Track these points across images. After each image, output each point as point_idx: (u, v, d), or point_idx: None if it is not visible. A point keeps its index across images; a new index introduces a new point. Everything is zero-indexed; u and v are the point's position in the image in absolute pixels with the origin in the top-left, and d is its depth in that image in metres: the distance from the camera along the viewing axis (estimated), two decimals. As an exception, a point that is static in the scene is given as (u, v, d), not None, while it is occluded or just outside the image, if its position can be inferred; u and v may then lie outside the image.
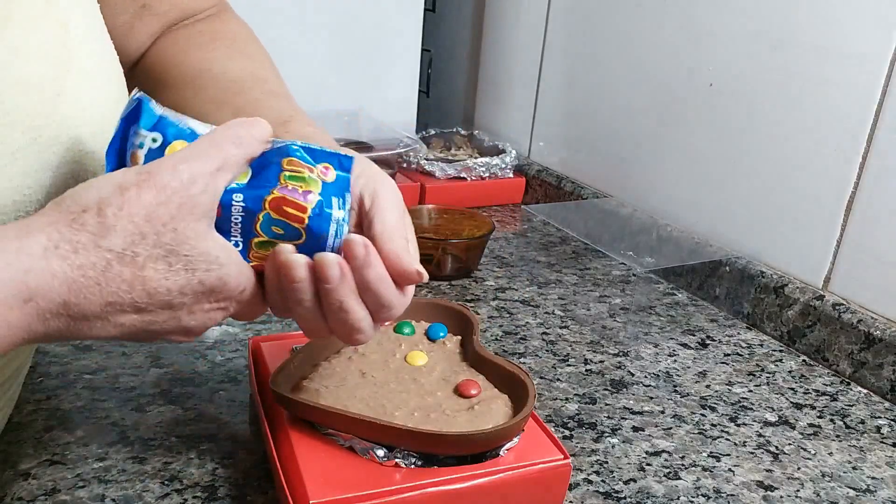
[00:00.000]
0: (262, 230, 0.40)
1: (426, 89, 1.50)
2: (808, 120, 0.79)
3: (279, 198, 0.40)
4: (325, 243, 0.41)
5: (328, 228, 0.41)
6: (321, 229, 0.41)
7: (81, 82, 0.44)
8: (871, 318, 0.73)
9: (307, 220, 0.40)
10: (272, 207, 0.40)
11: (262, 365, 0.58)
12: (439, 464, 0.48)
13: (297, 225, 0.40)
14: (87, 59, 0.45)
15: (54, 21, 0.43)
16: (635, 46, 1.02)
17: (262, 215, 0.40)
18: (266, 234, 0.40)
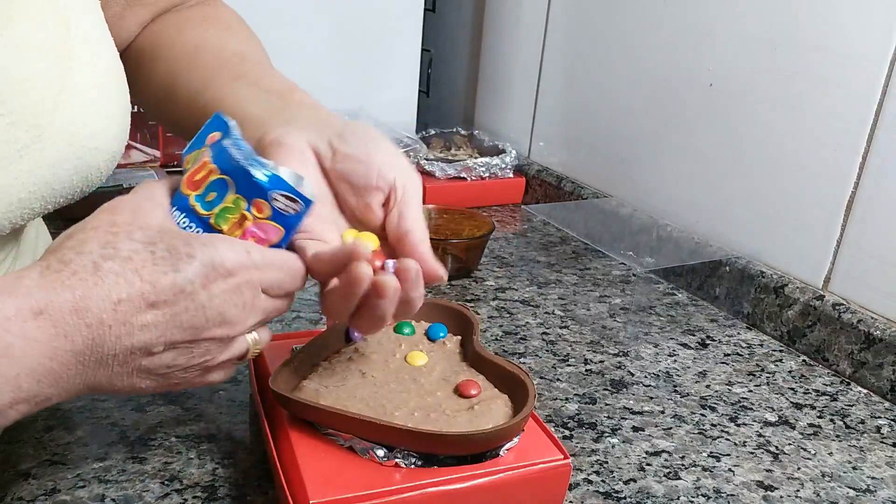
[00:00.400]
0: (204, 207, 0.40)
1: (426, 89, 1.50)
2: (808, 120, 0.79)
3: (188, 176, 0.41)
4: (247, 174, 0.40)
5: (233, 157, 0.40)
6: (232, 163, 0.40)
7: (83, 78, 0.44)
8: (871, 318, 0.73)
9: (216, 167, 0.40)
10: (190, 186, 0.41)
11: (262, 365, 0.58)
12: (439, 464, 0.48)
13: (213, 177, 0.40)
14: (89, 56, 0.45)
15: (55, 18, 0.43)
16: (635, 46, 1.02)
17: (192, 198, 0.40)
18: (209, 206, 0.40)
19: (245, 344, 0.42)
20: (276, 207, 0.41)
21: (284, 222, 0.41)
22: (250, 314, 0.40)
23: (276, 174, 0.40)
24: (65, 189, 0.45)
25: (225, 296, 0.38)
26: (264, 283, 0.40)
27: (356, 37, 1.18)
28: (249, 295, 0.39)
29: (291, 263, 0.42)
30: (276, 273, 0.41)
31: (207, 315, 0.38)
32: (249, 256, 0.39)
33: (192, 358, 0.39)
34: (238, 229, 0.41)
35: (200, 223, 0.40)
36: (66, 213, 1.00)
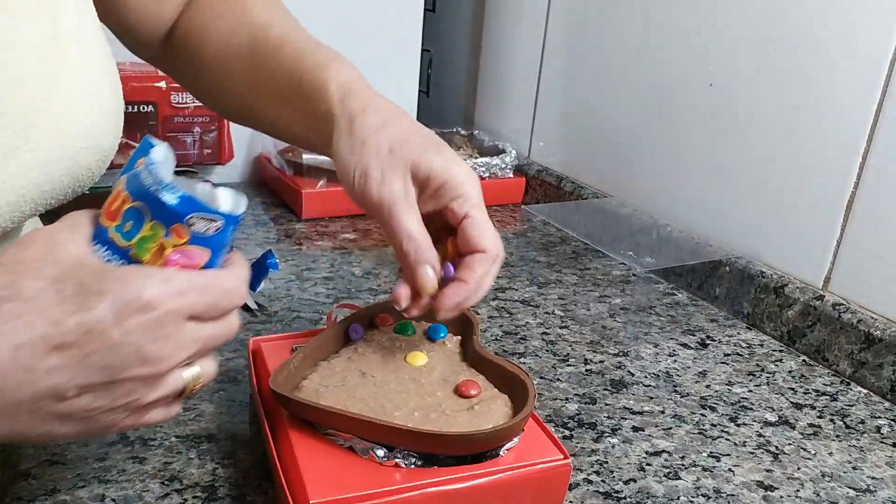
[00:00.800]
0: (123, 238, 0.38)
1: (426, 89, 1.50)
2: (808, 120, 0.79)
3: (106, 206, 0.39)
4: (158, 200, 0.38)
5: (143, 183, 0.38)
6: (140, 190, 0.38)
7: (74, 78, 0.44)
8: (871, 318, 0.73)
9: (128, 195, 0.38)
10: (108, 216, 0.38)
11: (262, 365, 0.58)
12: (439, 464, 0.48)
13: (128, 205, 0.38)
14: (79, 52, 0.45)
15: (45, 15, 0.43)
16: (635, 46, 1.02)
17: (111, 230, 0.38)
18: (128, 237, 0.38)
19: (181, 380, 0.39)
20: (195, 231, 0.38)
21: (208, 243, 0.39)
22: (178, 348, 0.37)
23: (187, 195, 0.38)
24: (55, 190, 0.44)
25: (143, 332, 0.35)
26: (193, 311, 0.37)
27: (356, 37, 1.18)
28: (173, 327, 0.36)
29: (222, 282, 0.39)
30: (205, 296, 0.38)
31: (123, 354, 0.35)
32: (169, 285, 0.36)
33: (115, 400, 0.36)
34: (159, 258, 0.38)
35: (122, 255, 0.38)
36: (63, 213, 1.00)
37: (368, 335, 0.59)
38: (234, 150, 1.12)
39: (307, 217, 1.04)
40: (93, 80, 0.45)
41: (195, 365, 0.39)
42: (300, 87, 0.53)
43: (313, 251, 0.94)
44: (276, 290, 0.81)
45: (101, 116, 0.46)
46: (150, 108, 1.02)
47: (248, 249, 0.92)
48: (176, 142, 1.05)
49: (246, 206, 0.41)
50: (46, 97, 0.42)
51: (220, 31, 0.59)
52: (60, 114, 0.42)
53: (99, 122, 0.45)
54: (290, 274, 0.86)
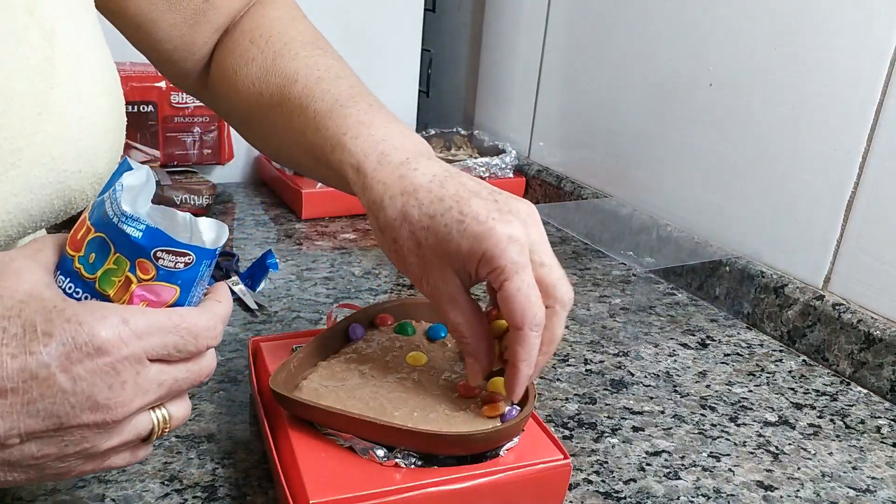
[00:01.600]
0: (87, 270, 0.36)
1: (426, 89, 1.50)
2: (808, 120, 0.79)
3: (70, 236, 0.37)
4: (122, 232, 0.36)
5: (105, 210, 0.36)
6: (103, 221, 0.36)
7: (66, 99, 0.42)
8: (871, 318, 0.73)
9: (91, 225, 0.36)
10: (72, 246, 0.36)
11: (262, 365, 0.58)
12: (439, 464, 0.48)
13: (91, 236, 0.36)
14: (74, 74, 0.43)
15: (39, 35, 0.41)
16: (635, 46, 1.02)
17: (76, 260, 0.36)
18: (92, 269, 0.36)
19: (146, 424, 0.37)
20: (162, 266, 0.36)
21: (176, 279, 0.36)
22: (136, 393, 0.34)
23: (152, 227, 0.35)
24: (45, 213, 0.42)
25: (94, 378, 0.33)
26: (153, 353, 0.35)
27: (356, 37, 1.18)
28: (131, 372, 0.34)
29: (191, 321, 0.36)
30: (169, 337, 0.35)
31: (72, 401, 0.33)
32: (126, 327, 0.33)
33: (66, 447, 0.34)
34: (125, 293, 0.36)
35: (86, 288, 0.36)
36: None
37: (368, 335, 0.59)
38: (234, 150, 1.12)
39: (307, 217, 1.04)
40: (89, 99, 0.44)
41: (163, 407, 0.37)
42: (326, 162, 0.51)
43: (313, 251, 0.94)
44: (276, 290, 0.81)
45: (96, 138, 0.44)
46: (150, 108, 1.02)
47: (248, 249, 0.92)
48: (176, 142, 1.05)
49: (225, 240, 0.39)
50: (36, 120, 0.40)
51: (251, 78, 0.56)
52: (50, 136, 0.41)
53: (92, 143, 0.44)
54: (290, 274, 0.86)
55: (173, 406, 0.38)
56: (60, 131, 0.41)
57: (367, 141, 0.48)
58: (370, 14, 1.19)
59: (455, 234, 0.44)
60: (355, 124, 0.49)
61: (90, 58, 0.45)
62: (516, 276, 0.44)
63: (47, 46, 0.41)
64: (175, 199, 0.98)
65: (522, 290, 0.44)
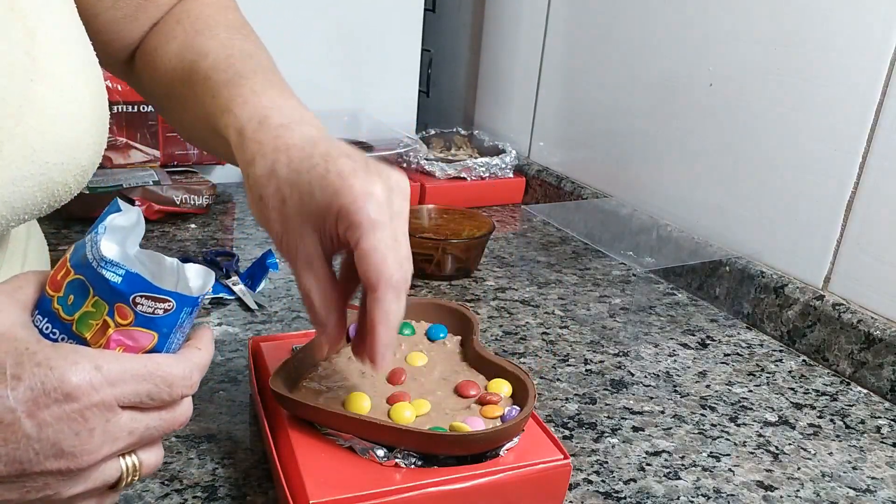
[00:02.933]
0: (66, 311, 0.36)
1: (426, 89, 1.50)
2: (808, 120, 0.79)
3: (52, 275, 0.37)
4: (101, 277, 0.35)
5: (85, 256, 0.36)
6: (82, 263, 0.36)
7: (48, 92, 0.42)
8: (871, 318, 0.73)
9: (71, 267, 0.36)
10: (52, 286, 0.36)
11: (262, 365, 0.58)
12: (439, 464, 0.48)
13: (70, 277, 0.36)
14: (55, 68, 0.43)
15: (21, 31, 0.41)
16: (635, 46, 1.02)
17: (55, 301, 0.36)
18: (71, 311, 0.36)
19: (114, 471, 0.36)
20: (141, 311, 0.35)
21: (155, 326, 0.36)
22: (104, 441, 0.34)
23: (132, 273, 0.35)
24: (27, 206, 0.42)
25: (60, 424, 0.32)
26: (125, 401, 0.34)
27: (356, 37, 1.18)
28: (100, 419, 0.33)
29: (166, 370, 0.36)
30: (142, 385, 0.35)
31: (36, 448, 0.32)
32: (98, 373, 0.33)
33: (27, 493, 0.33)
34: (102, 336, 0.35)
35: (63, 329, 0.35)
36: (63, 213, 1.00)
37: (368, 335, 0.59)
38: (234, 150, 1.12)
39: (307, 217, 1.04)
40: (71, 92, 0.43)
41: (133, 454, 0.37)
42: (216, 128, 0.50)
43: (313, 251, 0.94)
44: (276, 290, 0.81)
45: (80, 131, 0.44)
46: (150, 108, 1.02)
47: (248, 249, 0.92)
48: (176, 142, 1.05)
49: (211, 286, 0.39)
50: (17, 113, 0.40)
51: (170, 57, 0.56)
52: (33, 129, 0.40)
53: (75, 136, 0.44)
54: (289, 274, 0.86)
55: (144, 453, 0.37)
56: (42, 124, 0.41)
57: (254, 108, 0.48)
58: (370, 14, 1.19)
59: (317, 189, 0.43)
60: (248, 93, 0.49)
61: (71, 52, 0.45)
62: (372, 234, 0.42)
63: (28, 41, 0.41)
64: (175, 199, 0.98)
65: (379, 248, 0.42)
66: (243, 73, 0.50)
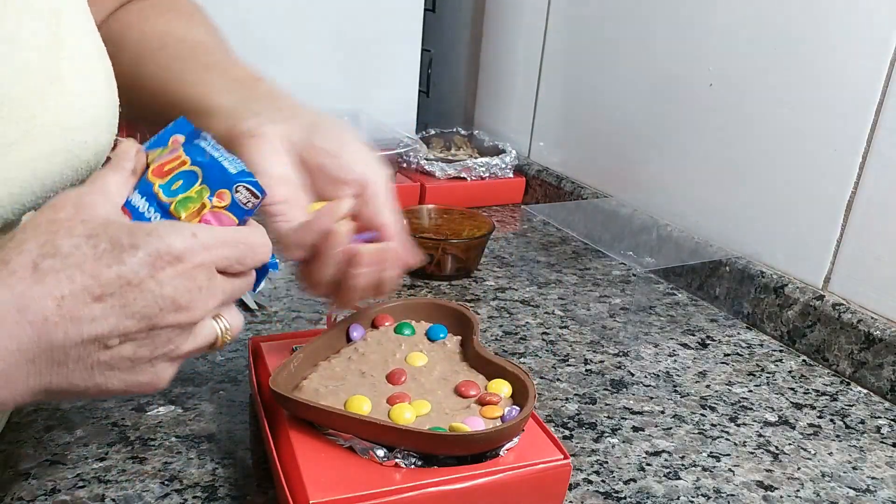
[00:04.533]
0: (166, 194, 0.42)
1: (426, 89, 1.50)
2: (808, 120, 0.79)
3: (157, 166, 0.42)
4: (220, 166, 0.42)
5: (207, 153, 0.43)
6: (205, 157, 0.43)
7: (73, 70, 0.44)
8: (871, 318, 0.73)
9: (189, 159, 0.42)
10: (157, 174, 0.42)
11: (262, 365, 0.58)
12: (439, 464, 0.48)
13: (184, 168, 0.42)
14: (78, 46, 0.45)
15: (48, 9, 0.43)
16: (635, 46, 1.02)
17: (156, 185, 0.42)
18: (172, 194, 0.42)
19: (213, 330, 0.41)
20: (236, 198, 0.42)
21: (239, 213, 0.42)
22: (209, 297, 0.39)
23: (245, 169, 0.42)
24: (55, 183, 0.45)
25: (176, 281, 0.37)
26: (219, 264, 0.40)
27: (356, 37, 1.18)
28: (203, 278, 0.39)
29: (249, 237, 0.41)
30: (231, 250, 0.40)
31: (160, 303, 0.37)
32: (196, 239, 0.38)
33: (156, 348, 0.38)
34: (196, 217, 0.42)
35: (160, 209, 0.41)
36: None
37: (368, 335, 0.59)
38: (234, 150, 1.12)
39: (307, 217, 1.04)
40: (91, 73, 0.46)
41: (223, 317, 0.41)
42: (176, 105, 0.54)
43: (313, 251, 0.94)
44: (276, 290, 0.81)
45: (100, 110, 0.46)
46: (150, 108, 1.01)
47: (248, 249, 0.92)
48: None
49: None
50: (47, 90, 0.42)
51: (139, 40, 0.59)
52: (61, 105, 0.43)
53: (97, 114, 0.46)
54: (289, 274, 0.86)
55: (230, 315, 0.42)
56: (70, 100, 0.44)
57: None
58: (370, 14, 1.19)
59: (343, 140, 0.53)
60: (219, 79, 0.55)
61: (90, 35, 0.47)
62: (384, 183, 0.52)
63: (55, 22, 0.44)
64: (175, 199, 0.98)
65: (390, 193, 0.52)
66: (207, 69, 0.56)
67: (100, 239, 0.37)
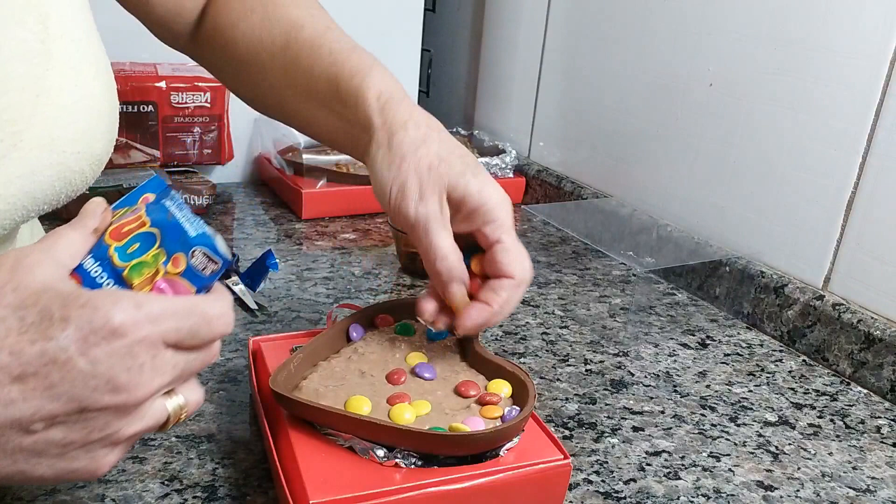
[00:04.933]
0: (121, 258, 0.38)
1: (426, 89, 1.50)
2: (808, 120, 0.79)
3: (116, 227, 0.39)
4: (180, 228, 0.39)
5: (169, 213, 0.39)
6: (166, 218, 0.39)
7: (64, 80, 0.43)
8: (871, 318, 0.73)
9: (149, 220, 0.39)
10: (114, 236, 0.39)
11: (262, 365, 0.58)
12: (439, 464, 0.48)
13: (143, 230, 0.39)
14: (70, 56, 0.43)
15: (35, 18, 0.42)
16: (635, 46, 1.02)
17: (112, 248, 0.38)
18: (127, 258, 0.38)
19: (163, 410, 0.37)
20: (192, 264, 0.38)
21: (197, 281, 0.39)
22: (153, 376, 0.35)
23: (206, 233, 0.39)
24: (47, 196, 0.43)
25: (112, 360, 0.33)
26: (166, 338, 0.35)
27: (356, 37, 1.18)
28: (146, 354, 0.34)
29: (204, 308, 0.37)
30: (181, 323, 0.36)
31: (91, 384, 0.33)
32: (140, 311, 0.34)
33: (90, 433, 0.34)
34: (148, 285, 0.38)
35: (113, 274, 0.38)
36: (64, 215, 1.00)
37: (368, 335, 0.59)
38: (234, 150, 1.12)
39: (307, 217, 1.04)
40: (84, 82, 0.44)
41: (178, 394, 0.38)
42: (337, 92, 0.54)
43: (313, 251, 0.94)
44: (276, 290, 0.81)
45: (93, 120, 0.45)
46: (150, 108, 1.02)
47: (248, 249, 0.92)
48: (176, 142, 1.05)
49: None
50: (35, 101, 0.41)
51: (253, 28, 0.59)
52: (50, 118, 0.41)
53: (91, 125, 0.45)
54: (290, 274, 0.86)
55: (186, 391, 0.39)
56: (59, 113, 0.42)
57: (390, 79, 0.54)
58: (370, 14, 1.19)
59: (469, 173, 0.51)
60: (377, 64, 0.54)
61: (84, 41, 0.45)
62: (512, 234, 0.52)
63: (42, 30, 0.42)
64: (175, 199, 0.98)
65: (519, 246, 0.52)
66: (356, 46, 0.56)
67: (29, 310, 0.33)
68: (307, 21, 0.58)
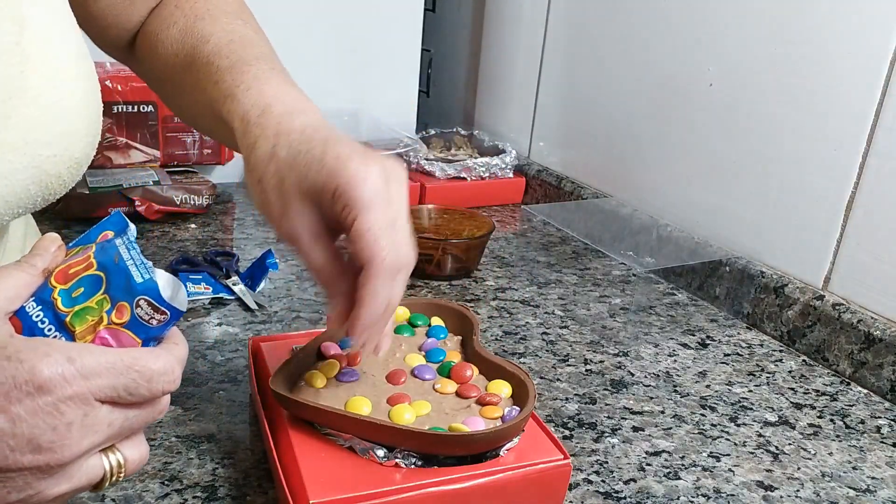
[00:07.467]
0: (65, 303, 0.36)
1: (426, 89, 1.50)
2: (808, 119, 0.79)
3: (63, 268, 0.37)
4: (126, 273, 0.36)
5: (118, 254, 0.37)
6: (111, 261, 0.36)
7: (39, 83, 0.41)
8: (871, 318, 0.73)
9: (95, 262, 0.36)
10: (59, 278, 0.36)
11: (262, 365, 0.58)
12: (439, 464, 0.48)
13: (89, 272, 0.36)
14: (46, 59, 0.42)
15: (10, 18, 0.41)
16: (635, 46, 1.02)
17: (56, 291, 0.36)
18: (71, 303, 0.36)
19: (98, 469, 0.35)
20: (136, 314, 0.36)
21: (142, 332, 0.36)
22: (82, 435, 0.32)
23: (154, 280, 0.36)
24: (21, 200, 0.42)
25: (35, 418, 0.31)
26: (99, 395, 0.33)
27: (356, 37, 1.18)
28: (75, 412, 0.32)
29: (144, 364, 0.34)
30: (117, 379, 0.33)
31: (11, 443, 0.31)
32: (72, 366, 0.32)
33: (9, 493, 0.32)
34: (91, 334, 0.35)
35: (55, 320, 0.35)
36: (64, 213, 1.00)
37: (368, 335, 0.59)
38: (234, 150, 1.12)
39: (307, 217, 1.04)
40: (62, 84, 0.43)
41: (118, 450, 0.35)
42: (219, 116, 0.50)
43: (313, 251, 0.94)
44: (276, 290, 0.81)
45: (71, 121, 0.44)
46: (150, 108, 1.02)
47: (248, 249, 0.92)
48: (176, 142, 1.05)
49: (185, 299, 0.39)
50: (7, 104, 0.40)
51: (171, 42, 0.56)
52: (24, 120, 0.40)
53: (68, 127, 0.43)
54: (290, 274, 0.86)
55: (127, 449, 0.36)
56: (34, 115, 0.41)
57: (257, 95, 0.48)
58: (370, 14, 1.19)
59: (314, 169, 0.43)
60: (251, 79, 0.49)
61: (63, 43, 0.44)
62: (366, 214, 0.42)
63: (17, 31, 0.41)
64: (175, 199, 0.98)
65: (372, 229, 0.42)
66: (246, 59, 0.51)
67: None
68: (214, 35, 0.54)
